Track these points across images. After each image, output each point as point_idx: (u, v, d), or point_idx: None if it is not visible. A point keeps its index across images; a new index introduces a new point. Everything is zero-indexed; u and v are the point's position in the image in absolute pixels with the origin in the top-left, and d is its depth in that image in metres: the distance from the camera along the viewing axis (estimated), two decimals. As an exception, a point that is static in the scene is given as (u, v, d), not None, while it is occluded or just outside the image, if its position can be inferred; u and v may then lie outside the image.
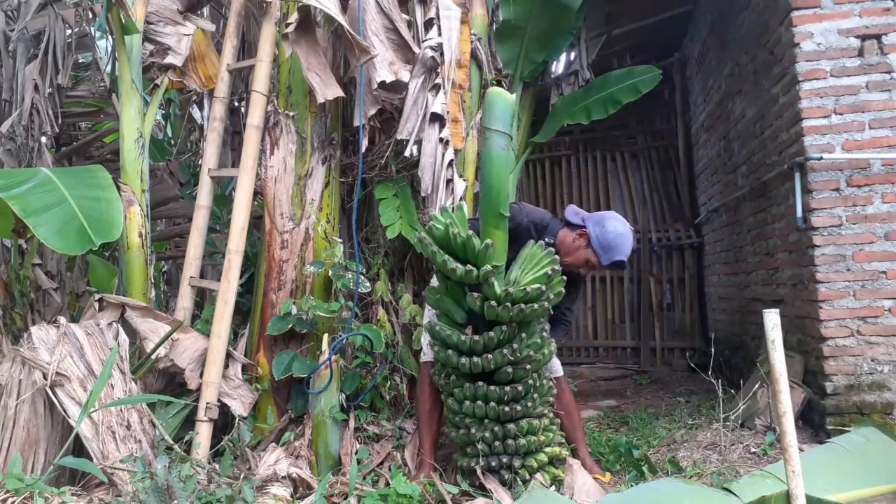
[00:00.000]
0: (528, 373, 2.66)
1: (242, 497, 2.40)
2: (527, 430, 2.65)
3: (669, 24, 6.48)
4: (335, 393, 2.99)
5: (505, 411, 2.62)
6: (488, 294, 2.59)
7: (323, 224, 3.37)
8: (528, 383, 2.66)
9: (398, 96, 3.41)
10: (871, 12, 3.49)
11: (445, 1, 3.53)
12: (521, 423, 2.64)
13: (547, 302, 2.63)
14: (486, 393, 2.63)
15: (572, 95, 5.22)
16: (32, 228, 2.63)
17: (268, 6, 3.41)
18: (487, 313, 2.59)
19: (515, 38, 4.35)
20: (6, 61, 4.76)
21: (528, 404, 2.66)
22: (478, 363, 2.59)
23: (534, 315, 2.63)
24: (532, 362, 2.67)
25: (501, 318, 2.59)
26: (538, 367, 2.72)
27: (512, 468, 2.64)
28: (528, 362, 2.65)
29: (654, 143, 7.47)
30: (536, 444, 2.67)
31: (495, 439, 2.63)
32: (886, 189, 3.41)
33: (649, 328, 6.96)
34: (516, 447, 2.62)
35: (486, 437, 2.64)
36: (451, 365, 2.68)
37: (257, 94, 3.36)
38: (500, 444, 2.63)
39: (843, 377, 3.36)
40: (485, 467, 2.64)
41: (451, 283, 2.68)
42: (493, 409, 2.62)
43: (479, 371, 2.62)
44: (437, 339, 2.72)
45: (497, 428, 2.64)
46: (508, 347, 2.59)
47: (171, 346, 3.08)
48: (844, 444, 1.99)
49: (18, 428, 2.67)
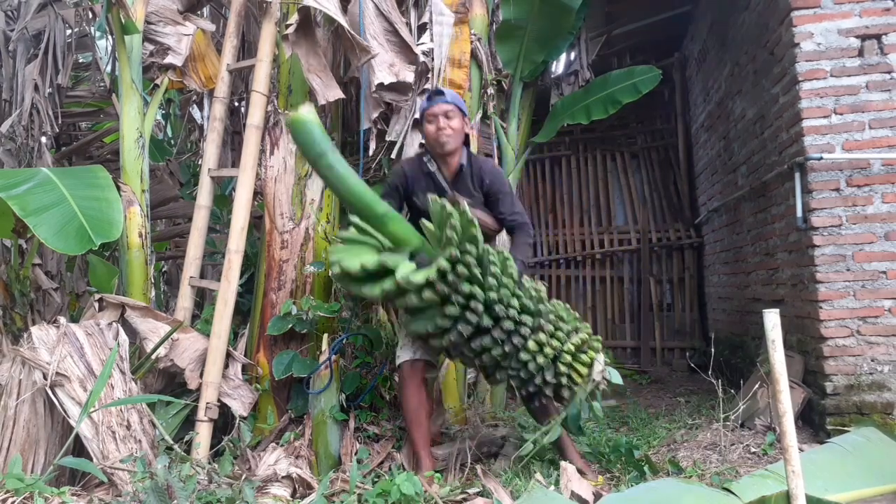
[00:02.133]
0: (506, 303, 2.57)
1: (243, 497, 2.40)
2: (539, 349, 2.58)
3: (669, 24, 6.48)
4: (335, 393, 2.99)
5: (513, 346, 2.58)
6: (413, 279, 2.50)
7: (323, 224, 3.37)
8: (511, 312, 2.58)
9: (404, 98, 3.42)
10: (871, 12, 3.49)
11: (439, 6, 3.54)
12: (529, 348, 2.58)
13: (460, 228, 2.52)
14: (483, 346, 2.59)
15: (572, 95, 5.23)
16: (32, 228, 2.63)
17: (268, 6, 3.41)
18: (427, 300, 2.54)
19: (515, 38, 4.35)
20: (6, 61, 4.76)
21: (523, 329, 2.59)
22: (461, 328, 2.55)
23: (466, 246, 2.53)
24: (502, 291, 2.57)
25: (442, 296, 2.54)
26: (512, 291, 2.60)
27: (554, 384, 2.62)
28: (498, 293, 2.57)
29: (654, 143, 7.47)
30: (555, 350, 2.60)
31: (521, 370, 2.61)
32: (886, 189, 3.41)
33: (649, 328, 6.96)
34: (539, 366, 2.59)
35: (512, 374, 2.64)
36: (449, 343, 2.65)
37: (257, 94, 3.36)
38: (523, 371, 2.61)
39: (843, 377, 3.36)
40: (525, 394, 2.71)
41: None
42: (499, 354, 2.59)
43: (468, 333, 2.57)
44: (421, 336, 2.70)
45: (514, 363, 2.61)
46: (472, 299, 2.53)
47: (171, 346, 3.08)
48: (844, 444, 1.99)
49: (18, 428, 2.66)
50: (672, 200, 7.30)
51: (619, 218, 7.45)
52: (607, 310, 7.21)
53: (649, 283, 7.02)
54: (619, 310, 7.20)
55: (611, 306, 7.22)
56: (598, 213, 7.47)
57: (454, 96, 2.91)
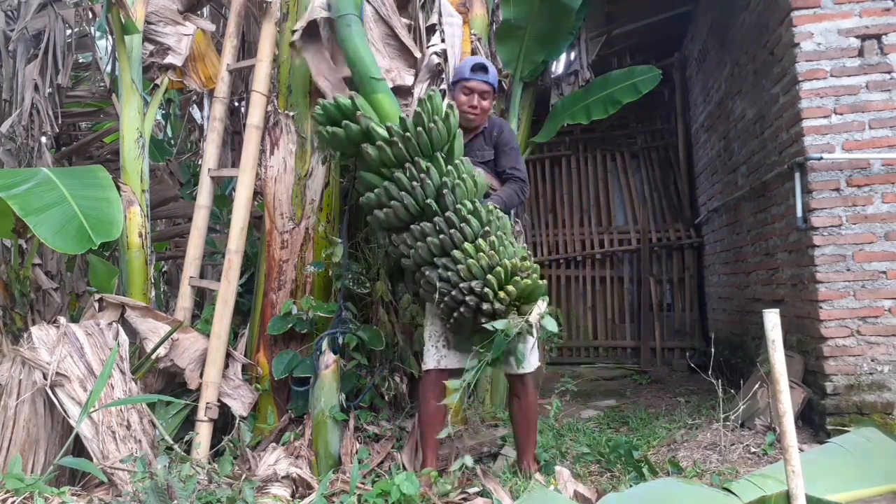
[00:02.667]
0: (458, 198, 2.59)
1: (243, 497, 2.40)
2: (475, 252, 2.51)
3: (669, 24, 6.48)
4: (335, 393, 2.99)
5: (442, 239, 2.55)
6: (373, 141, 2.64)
7: (323, 224, 3.37)
8: (460, 207, 2.58)
9: (403, 102, 3.43)
10: (871, 12, 3.49)
11: (448, 8, 3.57)
12: (466, 248, 2.52)
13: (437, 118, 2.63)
14: (423, 231, 2.59)
15: (572, 95, 5.23)
16: (32, 228, 2.63)
17: (268, 6, 3.41)
18: (385, 159, 2.64)
19: (515, 38, 4.36)
20: (6, 61, 4.76)
21: (466, 228, 2.55)
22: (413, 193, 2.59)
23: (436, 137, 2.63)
24: (457, 185, 2.60)
25: (398, 155, 2.62)
26: (467, 191, 2.63)
27: (479, 293, 2.45)
28: (453, 182, 2.59)
29: (654, 143, 7.47)
30: (491, 261, 2.49)
31: (447, 269, 2.53)
32: (886, 189, 3.41)
33: (649, 328, 6.96)
34: (469, 272, 2.48)
35: (441, 274, 2.54)
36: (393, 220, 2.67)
37: (257, 94, 3.36)
38: (452, 272, 2.51)
39: (843, 377, 3.36)
40: (446, 307, 2.54)
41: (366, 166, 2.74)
42: (434, 243, 2.56)
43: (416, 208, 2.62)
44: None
45: (447, 262, 2.54)
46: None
47: (171, 346, 3.08)
48: (844, 444, 1.99)
49: (18, 428, 2.66)
50: (672, 200, 7.30)
51: (619, 218, 7.45)
52: (607, 310, 7.21)
53: (649, 283, 7.02)
54: (619, 310, 7.20)
55: (611, 306, 7.22)
56: (598, 213, 7.47)
57: (494, 77, 3.03)
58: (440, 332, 2.80)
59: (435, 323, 2.81)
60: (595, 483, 2.83)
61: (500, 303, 2.43)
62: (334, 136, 2.73)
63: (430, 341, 2.82)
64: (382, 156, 2.65)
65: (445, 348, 2.78)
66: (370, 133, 2.66)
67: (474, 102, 2.94)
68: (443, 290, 2.54)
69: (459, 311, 2.50)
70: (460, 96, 2.96)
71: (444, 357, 2.78)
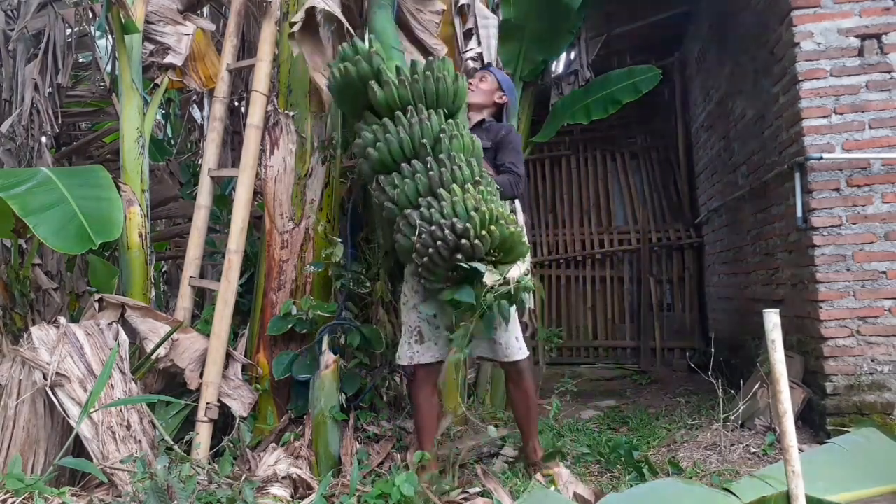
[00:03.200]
0: (454, 148, 2.53)
1: (243, 498, 2.40)
2: (462, 194, 2.42)
3: (669, 24, 6.48)
4: (335, 393, 2.99)
5: (431, 177, 2.47)
6: (381, 81, 2.61)
7: (323, 224, 3.36)
8: (454, 154, 2.53)
9: None
10: (871, 12, 3.49)
11: (483, 10, 3.60)
12: (454, 189, 2.43)
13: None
14: (415, 169, 2.52)
15: (572, 95, 5.23)
16: (32, 228, 2.63)
17: (268, 6, 3.41)
18: (389, 96, 2.60)
19: (515, 38, 4.36)
20: (6, 61, 4.76)
21: (457, 172, 2.48)
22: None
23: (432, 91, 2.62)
24: (454, 137, 2.56)
25: (402, 97, 2.59)
26: (463, 145, 2.59)
27: (459, 231, 2.32)
28: (449, 133, 2.55)
29: (654, 143, 7.47)
30: (476, 203, 2.38)
31: (430, 208, 2.42)
32: (886, 189, 3.41)
33: (649, 328, 6.96)
34: (453, 209, 2.37)
35: (423, 213, 2.43)
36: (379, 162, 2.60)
37: (257, 94, 3.36)
38: (436, 211, 2.39)
39: (842, 377, 3.36)
40: (422, 246, 2.40)
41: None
42: (423, 182, 2.48)
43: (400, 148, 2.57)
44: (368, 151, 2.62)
45: (432, 201, 2.45)
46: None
47: (171, 347, 3.08)
48: (844, 444, 1.99)
49: (18, 428, 2.66)
50: (672, 200, 7.30)
51: (619, 218, 7.46)
52: (607, 310, 7.21)
53: (649, 283, 7.02)
54: (619, 310, 7.20)
55: (611, 306, 7.22)
56: (598, 213, 7.47)
57: (497, 72, 3.22)
58: (413, 326, 2.78)
59: (409, 315, 2.80)
60: (595, 483, 2.83)
61: (480, 242, 2.31)
62: (346, 72, 2.66)
63: (405, 336, 2.82)
64: (388, 95, 2.60)
65: (418, 343, 2.77)
66: (380, 73, 2.62)
67: (471, 83, 3.06)
68: (422, 228, 2.40)
69: (435, 248, 2.35)
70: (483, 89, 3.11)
71: (416, 353, 2.77)
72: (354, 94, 2.72)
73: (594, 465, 3.09)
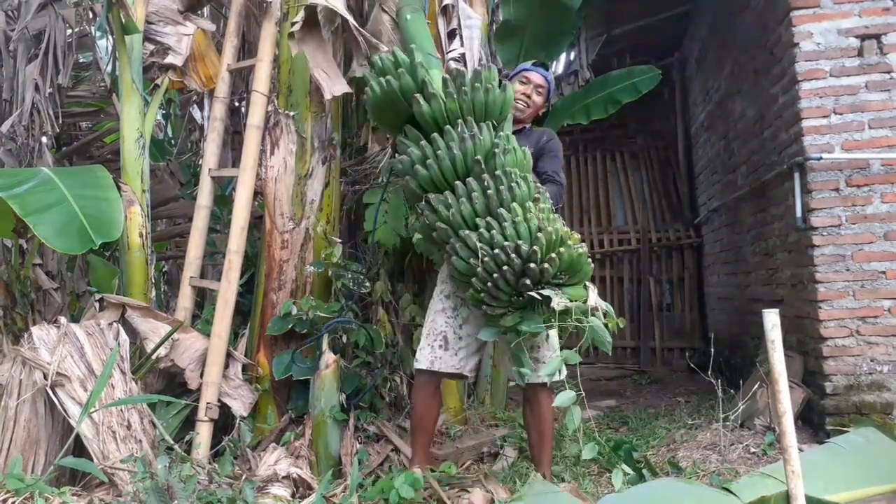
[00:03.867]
0: (508, 164, 2.40)
1: (243, 497, 2.40)
2: (524, 214, 2.30)
3: (669, 24, 6.49)
4: (335, 393, 2.99)
5: (489, 196, 2.32)
6: (427, 95, 2.47)
7: (323, 224, 3.37)
8: (511, 175, 2.39)
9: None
10: (870, 12, 3.49)
11: (466, 11, 3.59)
12: (514, 208, 2.29)
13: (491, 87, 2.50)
14: (468, 187, 2.38)
15: (572, 95, 5.24)
16: (33, 228, 2.63)
17: (268, 6, 3.42)
18: (436, 110, 2.48)
19: (515, 38, 4.35)
20: (6, 61, 4.76)
21: (515, 189, 2.34)
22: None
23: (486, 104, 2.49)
24: (507, 153, 2.43)
25: (451, 110, 2.46)
26: (518, 160, 2.48)
27: (526, 254, 2.19)
28: (504, 151, 2.43)
29: (654, 143, 7.48)
30: (540, 224, 2.27)
31: (490, 229, 2.29)
32: (886, 189, 3.41)
33: (649, 328, 6.96)
34: (516, 230, 2.25)
35: (482, 235, 2.28)
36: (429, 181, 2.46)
37: (257, 94, 3.36)
38: (497, 232, 2.25)
39: (842, 377, 3.36)
40: (484, 272, 2.25)
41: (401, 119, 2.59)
42: (480, 201, 2.35)
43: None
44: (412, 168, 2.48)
45: (491, 220, 2.32)
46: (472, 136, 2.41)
47: (172, 346, 3.08)
48: (844, 444, 1.99)
49: (19, 428, 2.66)
50: (672, 200, 7.30)
51: (618, 218, 7.46)
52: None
53: (649, 283, 7.02)
54: (618, 310, 7.18)
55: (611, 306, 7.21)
56: (598, 213, 7.47)
57: (552, 79, 3.05)
58: (439, 330, 2.65)
59: (436, 320, 2.67)
60: (595, 483, 2.83)
61: (549, 266, 2.17)
62: (388, 87, 2.53)
63: (427, 339, 2.68)
64: (435, 109, 2.47)
65: (442, 349, 2.63)
66: (426, 85, 2.48)
67: (529, 92, 2.93)
68: (483, 251, 2.25)
69: (501, 272, 2.21)
70: (516, 85, 2.94)
71: (438, 358, 2.63)
72: (396, 109, 2.59)
73: (594, 465, 3.09)
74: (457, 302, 2.66)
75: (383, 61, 2.60)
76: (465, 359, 2.65)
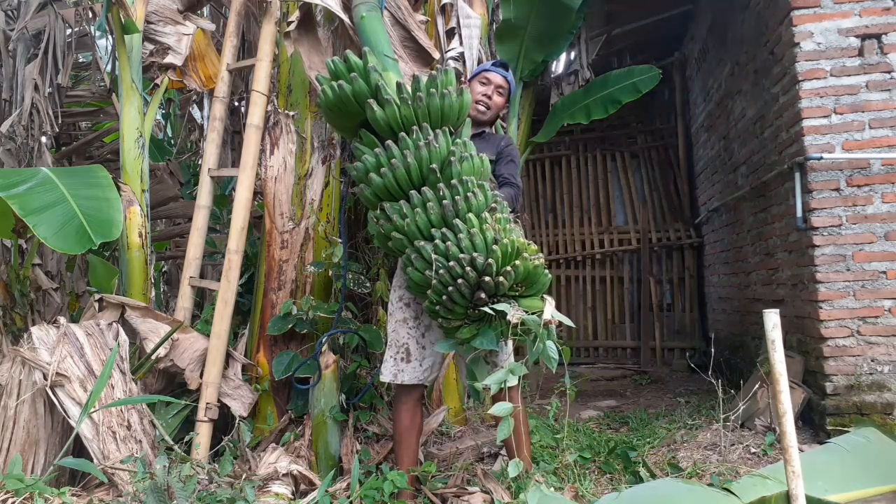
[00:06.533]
0: (464, 172, 2.33)
1: (244, 497, 2.40)
2: (480, 225, 2.23)
3: (669, 24, 6.49)
4: (335, 393, 2.99)
5: (445, 206, 2.26)
6: (381, 100, 2.37)
7: (323, 224, 3.37)
8: (466, 178, 2.32)
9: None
10: (870, 12, 3.49)
11: (465, 9, 3.58)
12: (469, 218, 2.23)
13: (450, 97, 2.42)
14: (423, 196, 2.31)
15: (572, 95, 5.24)
16: (32, 228, 2.63)
17: (268, 6, 3.41)
18: (391, 116, 2.38)
19: (515, 38, 4.36)
20: (6, 61, 4.76)
21: (471, 199, 2.28)
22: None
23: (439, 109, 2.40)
24: (464, 161, 2.35)
25: (406, 116, 2.36)
26: (475, 167, 2.39)
27: (481, 266, 2.14)
28: (460, 158, 2.35)
29: (654, 142, 7.48)
30: (496, 235, 2.21)
31: (445, 240, 2.23)
32: (886, 189, 3.41)
33: (649, 328, 6.96)
34: (471, 243, 2.19)
35: (437, 246, 2.23)
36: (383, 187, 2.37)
37: (257, 94, 3.36)
38: (452, 244, 2.20)
39: (842, 377, 3.36)
40: (439, 284, 2.19)
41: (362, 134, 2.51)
42: (435, 211, 2.28)
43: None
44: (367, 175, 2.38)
45: (447, 232, 2.26)
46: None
47: (172, 347, 3.08)
48: (844, 444, 1.99)
49: (18, 428, 2.66)
50: (672, 200, 7.30)
51: (619, 218, 7.46)
52: (607, 310, 7.22)
53: (649, 283, 7.02)
54: (619, 310, 7.20)
55: (611, 306, 7.22)
56: (598, 213, 7.47)
57: (512, 80, 2.98)
58: (402, 342, 2.59)
59: (398, 330, 2.61)
60: (595, 483, 2.83)
61: (504, 279, 2.13)
62: (340, 91, 2.43)
63: (390, 351, 2.62)
64: (389, 115, 2.39)
65: (404, 361, 2.58)
66: (379, 90, 2.40)
67: (489, 93, 2.86)
68: (438, 263, 2.20)
69: (455, 286, 2.16)
70: (476, 86, 2.89)
71: (401, 371, 2.57)
72: (348, 113, 2.51)
73: (594, 464, 3.09)
74: (418, 310, 2.60)
75: (336, 65, 2.52)
76: (430, 368, 2.61)
